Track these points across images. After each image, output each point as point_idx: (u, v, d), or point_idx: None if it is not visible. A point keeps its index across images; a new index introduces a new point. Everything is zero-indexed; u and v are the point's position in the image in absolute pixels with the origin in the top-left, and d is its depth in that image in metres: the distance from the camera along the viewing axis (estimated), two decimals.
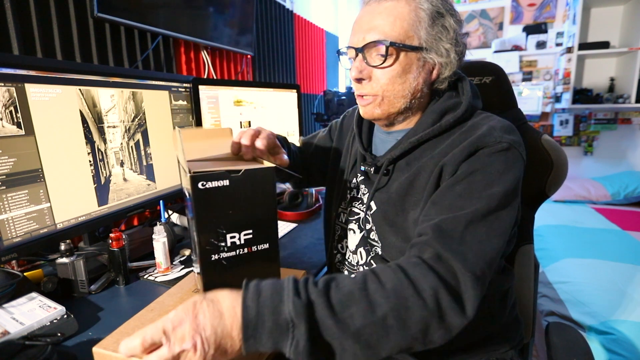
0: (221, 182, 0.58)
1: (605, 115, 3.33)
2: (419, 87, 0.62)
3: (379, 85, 0.62)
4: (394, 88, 0.62)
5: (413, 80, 0.62)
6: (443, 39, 0.60)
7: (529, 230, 0.86)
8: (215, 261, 0.60)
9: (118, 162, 0.90)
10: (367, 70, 0.62)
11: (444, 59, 0.61)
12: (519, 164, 0.58)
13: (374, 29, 0.60)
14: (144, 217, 1.29)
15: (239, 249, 0.62)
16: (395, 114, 0.65)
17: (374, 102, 0.64)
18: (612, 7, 3.14)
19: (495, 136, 0.57)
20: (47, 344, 0.56)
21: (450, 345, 0.67)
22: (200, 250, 0.59)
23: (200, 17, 1.55)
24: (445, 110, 0.64)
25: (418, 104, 0.65)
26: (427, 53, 0.61)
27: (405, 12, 0.59)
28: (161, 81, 1.04)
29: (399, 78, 0.61)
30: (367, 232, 0.71)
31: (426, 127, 0.64)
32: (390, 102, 0.63)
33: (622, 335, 1.24)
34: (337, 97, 2.33)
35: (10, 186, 0.67)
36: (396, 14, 0.59)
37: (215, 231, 0.59)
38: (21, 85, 0.68)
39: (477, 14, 3.66)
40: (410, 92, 0.62)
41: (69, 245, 0.76)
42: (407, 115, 0.66)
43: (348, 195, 0.77)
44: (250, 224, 0.62)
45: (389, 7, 0.60)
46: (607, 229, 2.34)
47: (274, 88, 1.49)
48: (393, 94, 0.62)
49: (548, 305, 1.49)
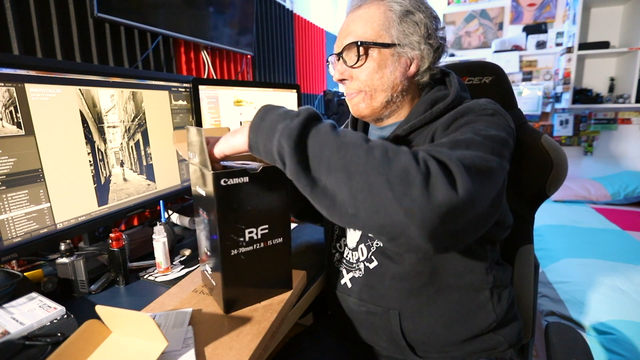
0: (241, 179, 0.60)
1: (605, 115, 3.33)
2: (397, 81, 0.67)
3: (359, 81, 0.68)
4: (373, 83, 0.67)
5: (390, 74, 0.66)
6: (413, 34, 0.65)
7: (529, 230, 0.86)
8: (234, 256, 0.62)
9: (118, 162, 0.90)
10: (348, 71, 0.68)
11: (417, 52, 0.66)
12: (508, 129, 0.59)
13: (349, 33, 0.67)
14: (144, 217, 1.29)
15: (256, 244, 0.64)
16: (380, 108, 0.69)
17: (357, 96, 0.69)
18: (612, 7, 3.14)
19: (481, 104, 0.62)
20: (47, 344, 0.56)
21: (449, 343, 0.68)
22: (222, 246, 0.60)
23: (200, 17, 1.55)
24: (435, 100, 0.68)
25: (402, 97, 0.69)
26: (400, 48, 0.66)
27: (375, 15, 0.65)
28: (161, 81, 1.04)
29: (376, 73, 0.66)
30: None
31: (418, 115, 0.68)
32: (371, 96, 0.68)
33: (622, 335, 1.24)
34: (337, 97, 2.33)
35: (10, 186, 0.67)
36: (367, 17, 0.66)
37: (235, 227, 0.62)
38: (21, 85, 0.68)
39: (477, 14, 3.66)
40: (389, 85, 0.67)
41: (69, 245, 0.76)
42: (393, 109, 0.70)
43: None
44: (266, 218, 0.65)
45: (362, 13, 0.66)
46: (607, 229, 2.34)
47: (274, 88, 1.49)
48: (373, 88, 0.67)
49: (548, 305, 1.49)
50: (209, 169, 0.58)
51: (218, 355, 0.54)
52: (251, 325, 0.61)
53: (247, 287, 0.66)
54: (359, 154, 0.43)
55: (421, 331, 0.68)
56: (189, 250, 0.96)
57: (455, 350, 0.69)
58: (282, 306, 0.67)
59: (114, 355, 0.53)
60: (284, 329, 0.70)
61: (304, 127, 0.46)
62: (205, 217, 0.65)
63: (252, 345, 0.56)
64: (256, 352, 0.56)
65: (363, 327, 0.74)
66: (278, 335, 0.67)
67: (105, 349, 0.54)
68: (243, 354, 0.54)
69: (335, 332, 0.83)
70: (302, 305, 0.76)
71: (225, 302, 0.64)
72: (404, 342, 0.69)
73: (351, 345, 0.79)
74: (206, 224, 0.65)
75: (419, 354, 0.70)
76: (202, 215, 0.66)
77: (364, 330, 0.75)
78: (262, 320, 0.63)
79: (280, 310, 0.66)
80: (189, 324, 0.62)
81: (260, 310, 0.66)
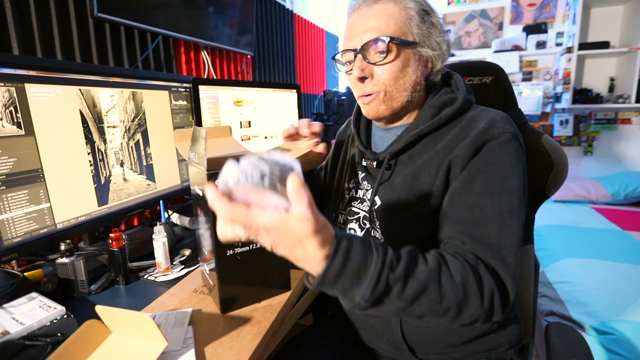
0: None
1: (605, 115, 3.33)
2: (418, 80, 0.65)
3: (381, 81, 0.64)
4: (396, 82, 0.64)
5: (412, 74, 0.64)
6: (434, 34, 0.64)
7: (529, 230, 0.86)
8: (230, 256, 0.62)
9: (118, 162, 0.90)
10: (369, 68, 0.64)
11: (437, 51, 0.65)
12: (523, 153, 0.62)
13: (370, 29, 0.62)
14: (144, 217, 1.29)
15: (252, 244, 0.64)
16: (399, 108, 0.67)
17: (377, 99, 0.65)
18: (612, 7, 3.14)
19: (499, 127, 0.60)
20: (47, 344, 0.56)
21: (449, 344, 0.68)
22: (216, 246, 0.60)
23: (200, 17, 1.55)
24: (442, 104, 0.66)
25: (418, 97, 0.68)
26: (421, 47, 0.64)
27: (396, 11, 0.62)
28: (161, 81, 1.04)
29: (400, 72, 0.63)
30: (369, 229, 0.71)
31: (426, 120, 0.66)
32: (393, 97, 0.65)
33: (622, 335, 1.24)
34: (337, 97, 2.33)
35: (10, 186, 0.67)
36: (389, 14, 0.62)
37: None
38: (21, 85, 0.68)
39: (477, 14, 3.66)
40: (410, 85, 0.65)
41: (69, 245, 0.76)
42: (409, 109, 0.69)
43: (347, 196, 0.77)
44: None
45: (380, 8, 0.63)
46: (607, 229, 2.34)
47: (274, 88, 1.49)
48: (395, 88, 0.64)
49: (548, 305, 1.49)
50: (204, 169, 0.58)
51: (218, 355, 0.54)
52: (251, 325, 0.61)
53: (244, 288, 0.66)
54: (435, 315, 0.49)
55: (422, 333, 0.68)
56: (189, 250, 0.96)
57: (455, 352, 0.69)
58: (281, 306, 0.67)
59: (114, 355, 0.53)
60: (284, 329, 0.70)
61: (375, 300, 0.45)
62: (203, 217, 0.65)
63: (252, 345, 0.56)
64: (256, 352, 0.56)
65: (363, 329, 0.74)
66: (278, 335, 0.67)
67: (105, 349, 0.54)
68: (243, 354, 0.54)
69: (336, 333, 0.82)
70: (302, 305, 0.76)
71: (221, 302, 0.64)
72: (404, 344, 0.68)
73: (351, 346, 0.79)
74: (204, 224, 0.65)
75: (419, 355, 0.70)
76: (201, 215, 0.66)
77: (364, 332, 0.74)
78: (262, 320, 0.63)
79: (280, 311, 0.66)
80: (189, 324, 0.62)
81: (260, 310, 0.66)
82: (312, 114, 2.65)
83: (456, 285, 0.48)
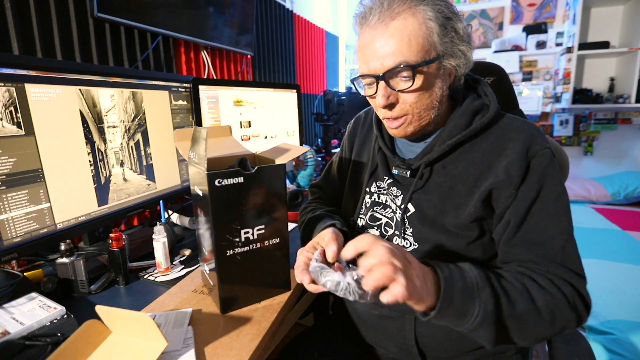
0: (236, 180, 0.60)
1: (605, 115, 3.33)
2: (443, 93, 0.63)
3: (408, 105, 0.61)
4: (423, 104, 0.62)
5: (438, 90, 0.62)
6: (457, 42, 0.60)
7: None
8: (230, 256, 0.62)
9: (118, 162, 0.90)
10: (394, 95, 0.61)
11: (461, 60, 0.61)
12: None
13: (391, 54, 0.57)
14: (144, 217, 1.29)
15: (252, 244, 0.64)
16: (427, 125, 0.65)
17: (405, 122, 0.64)
18: (612, 7, 3.14)
19: (539, 143, 0.61)
20: (47, 344, 0.56)
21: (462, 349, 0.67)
22: (216, 247, 0.60)
23: (200, 17, 1.55)
24: (474, 111, 0.65)
25: (444, 108, 0.66)
26: (444, 59, 0.60)
27: (415, 27, 0.57)
28: (161, 81, 1.04)
29: (426, 93, 0.61)
30: (391, 235, 0.69)
31: (460, 129, 0.64)
32: (421, 117, 0.63)
33: (622, 335, 1.24)
34: (337, 97, 2.33)
35: (10, 186, 0.67)
36: (408, 32, 0.56)
37: (230, 227, 0.62)
38: (21, 85, 0.68)
39: (477, 14, 3.66)
40: (437, 101, 0.63)
41: (69, 245, 0.76)
42: (437, 122, 0.67)
43: (368, 199, 0.75)
44: (262, 219, 0.64)
45: (398, 26, 0.57)
46: (607, 229, 2.34)
47: (273, 88, 1.49)
48: (423, 109, 0.62)
49: None
50: (204, 169, 0.58)
51: (218, 355, 0.54)
52: (251, 325, 0.61)
53: (244, 288, 0.66)
54: (533, 318, 0.55)
55: (436, 337, 0.67)
56: (189, 250, 0.96)
57: (466, 357, 0.68)
58: (281, 306, 0.67)
59: (114, 355, 0.53)
60: (284, 329, 0.70)
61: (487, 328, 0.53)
62: (203, 217, 0.65)
63: (252, 345, 0.56)
64: (256, 352, 0.56)
65: (372, 329, 0.73)
66: (278, 335, 0.67)
67: (105, 349, 0.54)
68: (243, 354, 0.54)
69: (337, 333, 0.82)
70: (302, 305, 0.76)
71: (221, 302, 0.64)
72: (415, 348, 0.67)
73: (354, 346, 0.79)
74: (204, 224, 0.65)
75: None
76: (201, 215, 0.66)
77: (373, 333, 0.73)
78: (262, 320, 0.63)
79: (280, 311, 0.66)
80: (189, 324, 0.62)
81: (260, 310, 0.66)
82: (312, 113, 2.65)
83: (547, 298, 0.55)
